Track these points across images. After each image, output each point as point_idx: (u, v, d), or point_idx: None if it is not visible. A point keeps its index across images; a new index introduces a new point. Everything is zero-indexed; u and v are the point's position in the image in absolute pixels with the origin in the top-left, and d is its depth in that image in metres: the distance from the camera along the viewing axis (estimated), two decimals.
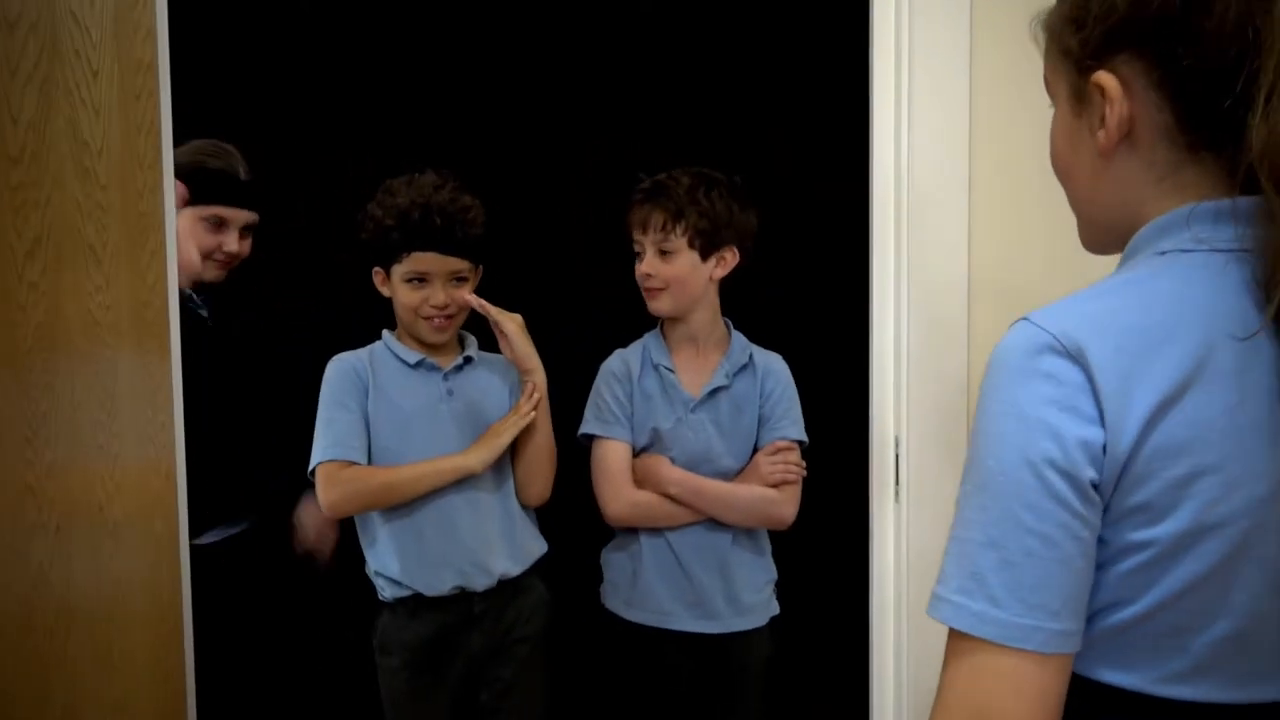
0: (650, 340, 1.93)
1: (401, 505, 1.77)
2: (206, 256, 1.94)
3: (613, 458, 1.85)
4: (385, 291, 1.85)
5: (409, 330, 1.85)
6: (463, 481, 1.79)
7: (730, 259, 1.86)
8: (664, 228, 1.81)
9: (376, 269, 1.84)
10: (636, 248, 1.85)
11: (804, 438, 1.87)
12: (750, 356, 1.90)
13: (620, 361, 1.91)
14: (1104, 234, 0.85)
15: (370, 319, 1.90)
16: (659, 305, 1.85)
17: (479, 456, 1.77)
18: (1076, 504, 0.70)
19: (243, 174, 1.96)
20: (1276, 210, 0.68)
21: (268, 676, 2.01)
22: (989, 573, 0.71)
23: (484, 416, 1.84)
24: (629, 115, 2.35)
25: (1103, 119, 0.78)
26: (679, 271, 1.83)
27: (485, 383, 1.88)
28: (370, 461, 1.79)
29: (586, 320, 2.00)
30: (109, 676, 1.33)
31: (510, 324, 1.80)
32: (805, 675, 2.11)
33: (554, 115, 2.37)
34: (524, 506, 1.88)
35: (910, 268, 1.58)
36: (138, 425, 1.41)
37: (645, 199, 1.84)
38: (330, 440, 1.77)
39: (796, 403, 1.89)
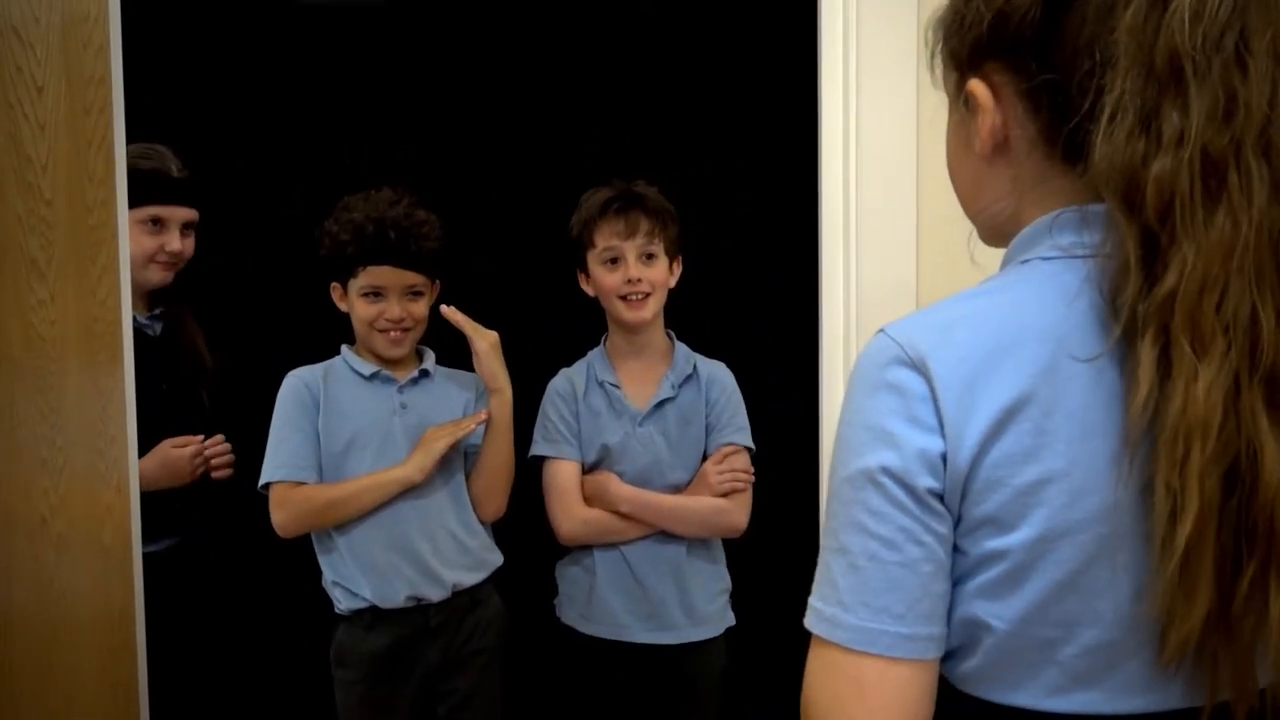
0: (594, 357, 1.94)
1: (352, 520, 1.79)
2: (150, 259, 1.93)
3: (562, 477, 1.86)
4: (343, 307, 1.87)
5: (366, 344, 1.87)
6: (413, 492, 1.80)
7: (678, 268, 1.91)
8: (650, 234, 1.84)
9: (334, 284, 1.87)
10: (610, 254, 1.85)
11: (750, 444, 1.89)
12: (694, 367, 1.91)
13: (565, 380, 1.92)
14: (991, 235, 0.86)
15: (329, 335, 1.92)
16: (644, 313, 1.85)
17: (416, 464, 1.79)
18: (915, 510, 0.71)
19: (175, 171, 1.96)
20: (1119, 224, 0.68)
21: (221, 687, 2.01)
22: (839, 577, 0.73)
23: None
24: (581, 129, 2.37)
25: (977, 127, 0.79)
26: (661, 277, 1.86)
27: (441, 397, 1.89)
28: (322, 475, 1.81)
29: (558, 338, 2.01)
30: (50, 687, 1.34)
31: (482, 342, 1.81)
32: (760, 686, 2.11)
33: (508, 130, 2.39)
34: (480, 521, 1.89)
35: (859, 277, 1.59)
36: (86, 438, 1.42)
37: (625, 206, 1.85)
38: (279, 460, 1.80)
39: (742, 409, 1.91)
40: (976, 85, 0.78)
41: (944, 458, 0.71)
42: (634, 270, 1.83)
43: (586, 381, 1.91)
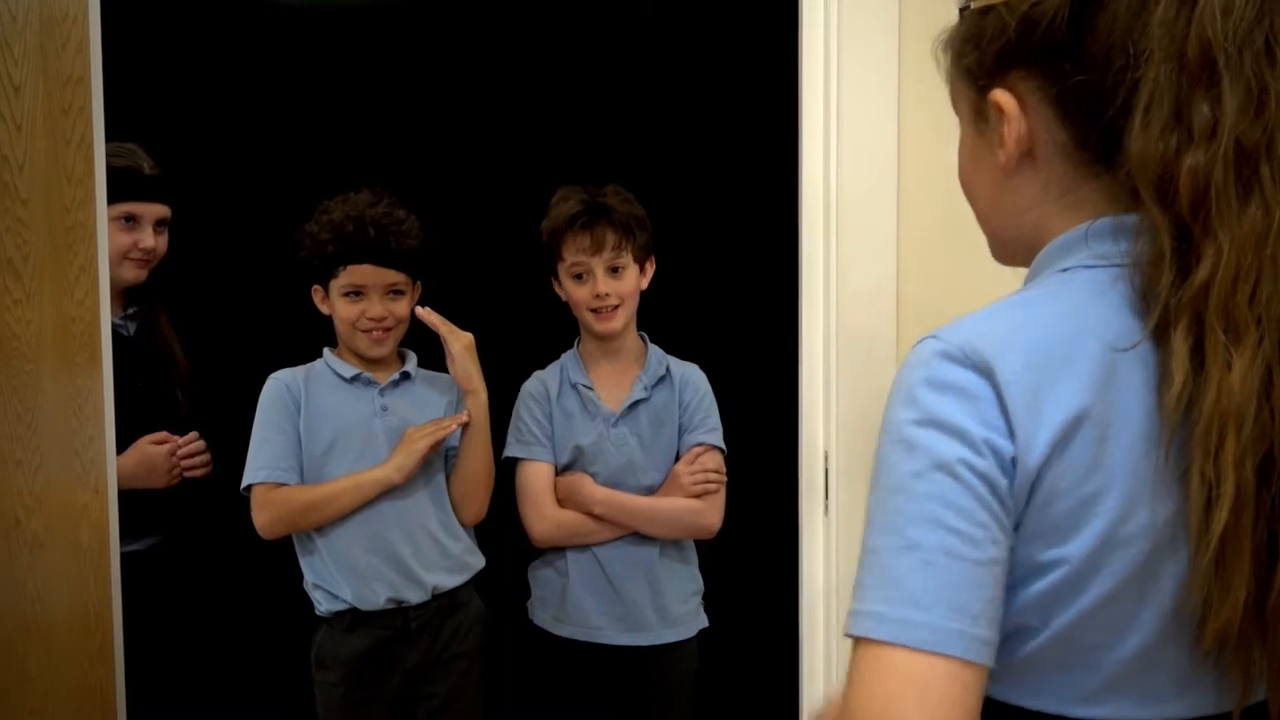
0: (567, 359, 1.95)
1: (333, 521, 1.79)
2: (124, 257, 1.93)
3: (535, 479, 1.86)
4: (325, 309, 1.87)
5: (348, 345, 1.87)
6: (393, 495, 1.80)
7: (650, 269, 1.91)
8: (617, 246, 1.84)
9: (315, 286, 1.87)
10: (578, 269, 1.86)
11: (722, 444, 1.89)
12: (667, 368, 1.92)
13: (538, 383, 1.93)
14: (1010, 249, 0.86)
15: (307, 335, 1.92)
16: (614, 324, 1.86)
17: (395, 464, 1.78)
18: (995, 506, 0.69)
19: (147, 169, 1.96)
20: (1154, 219, 0.69)
21: (199, 689, 2.00)
22: (907, 575, 0.69)
23: None
24: (560, 127, 2.38)
25: (1002, 137, 0.78)
26: (630, 287, 1.87)
27: (422, 400, 1.89)
28: (304, 477, 1.81)
29: (536, 339, 2.01)
30: (26, 689, 1.33)
31: (456, 343, 1.81)
32: (735, 688, 2.11)
33: (485, 128, 2.40)
34: (461, 524, 1.89)
35: (839, 281, 1.59)
36: (62, 439, 1.41)
37: (590, 220, 1.84)
38: (260, 462, 1.80)
39: (715, 411, 1.92)
40: (1001, 95, 0.78)
41: (1014, 462, 0.69)
42: (602, 285, 1.84)
43: (560, 383, 1.91)
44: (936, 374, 0.71)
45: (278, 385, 1.84)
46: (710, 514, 1.85)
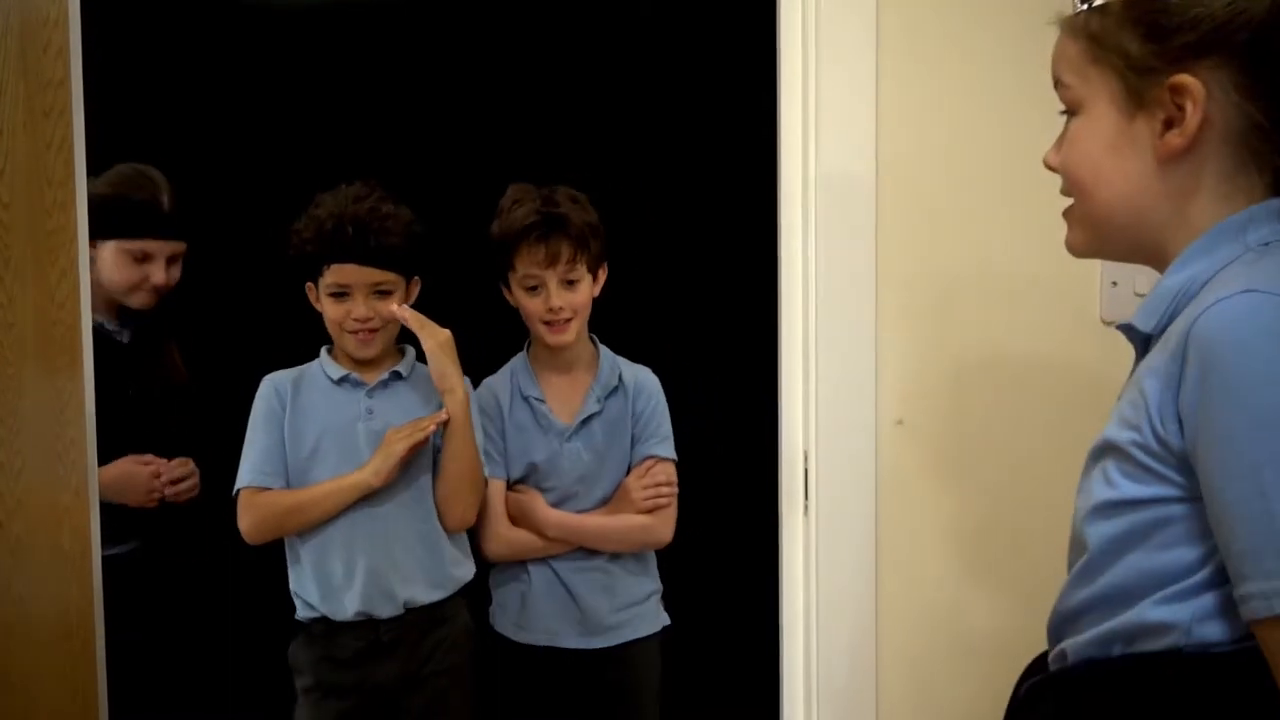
0: (518, 367, 1.92)
1: (315, 527, 1.76)
2: (134, 289, 1.91)
3: (488, 497, 1.84)
4: (318, 307, 1.84)
5: (339, 345, 1.84)
6: (370, 501, 1.77)
7: (603, 276, 1.89)
8: (571, 260, 1.80)
9: (309, 284, 1.84)
10: (531, 282, 1.81)
11: (673, 455, 1.89)
12: (620, 376, 1.90)
13: (489, 394, 1.90)
14: (1113, 240, 0.89)
15: (313, 341, 1.90)
16: (566, 336, 1.83)
17: (373, 468, 1.74)
18: None
19: (166, 204, 1.93)
20: None
21: (182, 693, 2.00)
22: None
23: None
24: (526, 126, 2.38)
25: (1169, 122, 0.81)
26: (584, 298, 1.84)
27: (409, 401, 1.84)
28: (289, 482, 1.80)
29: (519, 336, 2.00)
30: (7, 692, 1.33)
31: (430, 340, 1.76)
32: (715, 689, 2.13)
33: (470, 125, 2.40)
34: (446, 531, 1.83)
35: (819, 282, 1.60)
36: (44, 441, 1.41)
37: (545, 232, 1.79)
38: (247, 466, 1.79)
39: (666, 419, 1.91)
40: (1188, 80, 0.80)
41: None
42: (555, 299, 1.80)
43: (510, 395, 1.89)
44: None
45: (267, 388, 1.82)
46: (662, 529, 1.86)
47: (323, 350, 1.87)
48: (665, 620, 1.92)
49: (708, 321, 2.38)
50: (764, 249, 1.71)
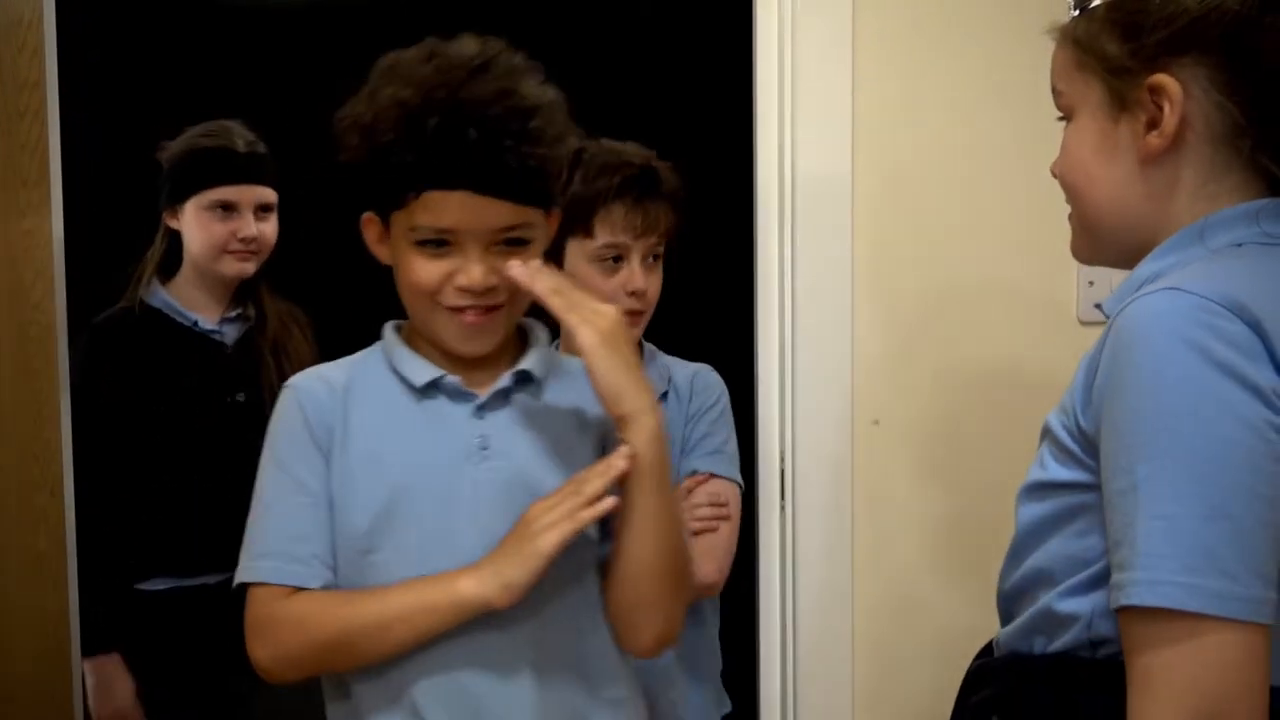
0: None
1: (386, 659, 1.00)
2: (222, 250, 1.71)
3: None
4: (382, 255, 1.07)
5: (424, 330, 1.06)
6: (492, 621, 0.99)
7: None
8: (664, 233, 1.42)
9: (368, 216, 1.06)
10: (612, 252, 1.38)
11: (729, 473, 1.75)
12: (670, 380, 1.52)
13: None
14: (1106, 243, 0.88)
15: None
16: (637, 332, 1.43)
17: (502, 578, 0.96)
18: None
19: (242, 146, 1.73)
20: None
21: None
22: (1220, 546, 0.68)
23: (545, 489, 1.02)
24: None
25: (1151, 123, 0.80)
26: (658, 287, 1.45)
27: (552, 426, 1.07)
28: (336, 575, 1.03)
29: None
30: None
31: (587, 330, 0.99)
32: None
33: None
34: (624, 652, 1.09)
35: (796, 283, 1.61)
36: (18, 443, 1.42)
37: (642, 193, 1.38)
38: (263, 545, 1.03)
39: (725, 427, 1.55)
40: (1165, 79, 0.79)
41: None
42: (639, 279, 1.39)
43: None
44: (1201, 320, 0.71)
45: (293, 403, 1.05)
46: (700, 564, 1.38)
47: (388, 331, 1.10)
48: None
49: (684, 321, 2.37)
50: (741, 250, 1.71)
